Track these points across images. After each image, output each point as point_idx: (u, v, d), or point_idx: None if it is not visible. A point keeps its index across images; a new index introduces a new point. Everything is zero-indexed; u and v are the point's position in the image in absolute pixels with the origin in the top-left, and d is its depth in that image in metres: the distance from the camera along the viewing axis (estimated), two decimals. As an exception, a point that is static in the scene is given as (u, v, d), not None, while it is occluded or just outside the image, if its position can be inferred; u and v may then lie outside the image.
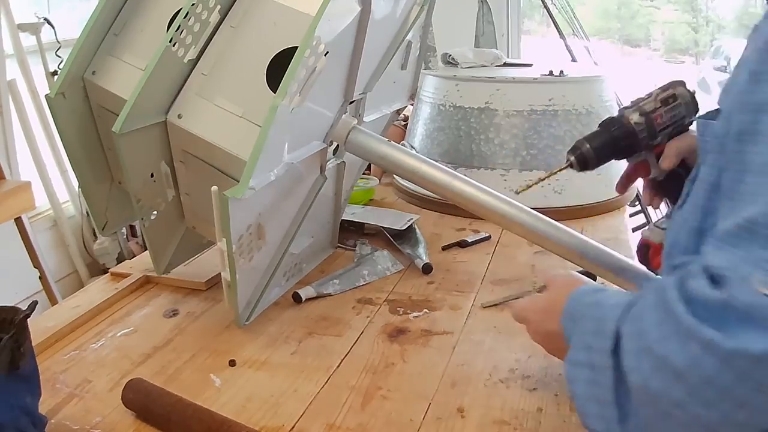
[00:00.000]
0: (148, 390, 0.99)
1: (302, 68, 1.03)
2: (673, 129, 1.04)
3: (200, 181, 1.18)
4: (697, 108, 1.04)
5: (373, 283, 1.39)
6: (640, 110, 1.02)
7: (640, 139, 1.03)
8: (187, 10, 1.09)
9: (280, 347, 1.16)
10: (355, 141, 1.29)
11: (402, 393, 1.03)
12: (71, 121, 1.22)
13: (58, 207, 3.17)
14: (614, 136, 1.04)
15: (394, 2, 1.29)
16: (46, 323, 1.22)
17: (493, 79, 1.76)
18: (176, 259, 1.35)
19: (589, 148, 1.05)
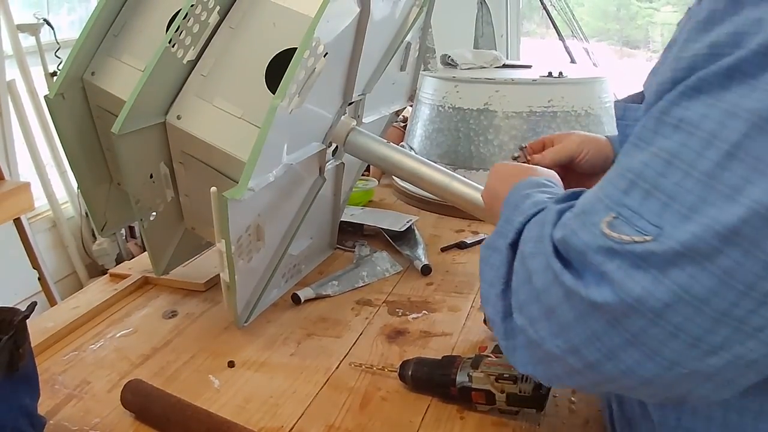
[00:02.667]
0: (147, 391, 0.99)
1: (301, 69, 1.03)
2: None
3: (199, 182, 1.18)
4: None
5: (372, 285, 1.39)
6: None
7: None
8: (186, 11, 1.09)
9: (279, 348, 1.16)
10: (354, 142, 1.29)
11: (401, 394, 1.03)
12: (70, 122, 1.22)
13: (57, 208, 3.17)
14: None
15: (393, 3, 1.29)
16: (45, 324, 1.22)
17: (493, 80, 1.76)
18: (175, 260, 1.35)
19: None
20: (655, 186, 0.55)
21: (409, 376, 1.03)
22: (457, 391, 0.98)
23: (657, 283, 0.53)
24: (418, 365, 1.03)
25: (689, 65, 0.56)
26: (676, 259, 0.53)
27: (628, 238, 0.55)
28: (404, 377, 1.04)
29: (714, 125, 0.53)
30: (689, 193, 0.53)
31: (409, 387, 1.04)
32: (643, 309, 0.54)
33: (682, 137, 0.54)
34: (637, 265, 0.55)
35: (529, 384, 0.93)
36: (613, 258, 0.56)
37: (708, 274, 0.52)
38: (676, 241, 0.53)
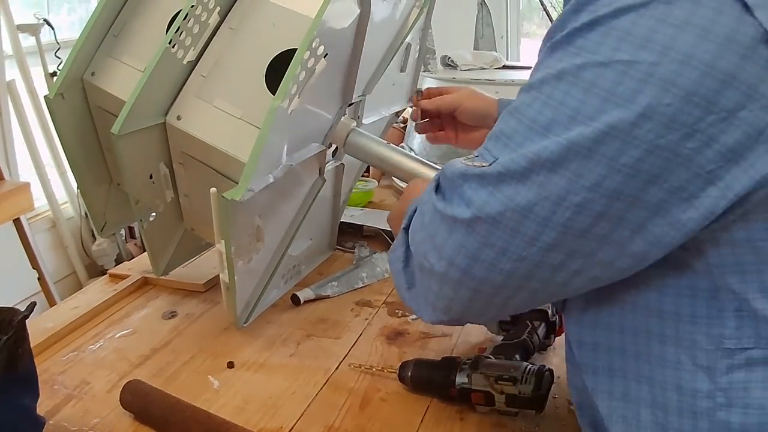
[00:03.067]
0: (146, 391, 0.99)
1: (301, 70, 1.03)
2: None
3: (199, 182, 1.18)
4: None
5: (372, 286, 1.39)
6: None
7: None
8: (186, 11, 1.09)
9: (279, 349, 1.16)
10: (354, 143, 1.29)
11: (400, 395, 1.03)
12: (70, 122, 1.22)
13: (56, 208, 3.17)
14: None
15: (393, 4, 1.29)
16: (45, 324, 1.22)
17: (493, 81, 1.77)
18: (175, 261, 1.35)
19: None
20: (501, 132, 0.70)
21: (409, 377, 1.03)
22: (457, 393, 0.98)
23: (491, 196, 0.68)
24: (417, 366, 1.03)
25: (542, 46, 0.70)
26: (503, 178, 0.67)
27: (476, 164, 0.70)
28: (404, 378, 1.04)
29: (538, 83, 0.67)
30: (518, 134, 0.67)
31: (409, 388, 1.04)
32: (485, 216, 0.68)
33: (523, 96, 0.69)
34: (480, 184, 0.69)
35: (529, 385, 0.93)
36: (465, 179, 0.70)
37: (526, 189, 0.66)
38: (501, 165, 0.67)
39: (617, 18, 0.62)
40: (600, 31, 0.63)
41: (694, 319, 0.69)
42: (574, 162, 0.63)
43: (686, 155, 0.61)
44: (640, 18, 0.61)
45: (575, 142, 0.63)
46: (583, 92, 0.63)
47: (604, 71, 0.62)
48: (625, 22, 0.62)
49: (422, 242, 0.78)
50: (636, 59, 0.61)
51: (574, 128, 0.63)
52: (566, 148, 0.63)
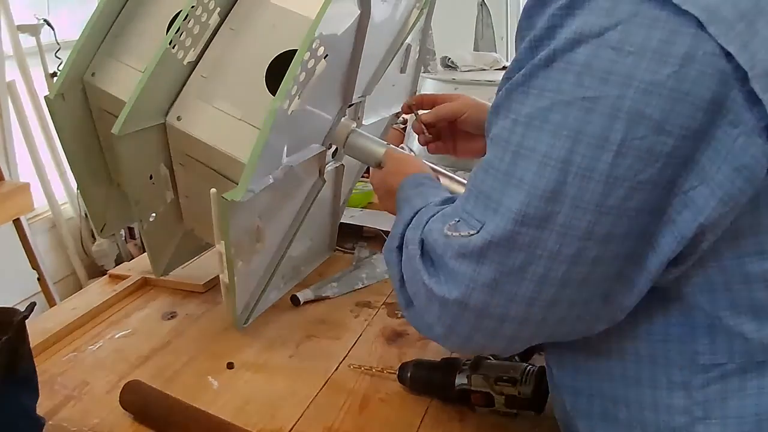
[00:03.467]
0: (146, 392, 0.99)
1: (301, 71, 1.03)
2: None
3: (199, 183, 1.18)
4: None
5: (372, 287, 1.39)
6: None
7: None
8: (186, 12, 1.09)
9: (278, 350, 1.16)
10: (354, 144, 1.28)
11: (400, 396, 1.03)
12: (70, 123, 1.22)
13: (56, 208, 3.17)
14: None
15: (393, 5, 1.29)
16: (44, 325, 1.22)
17: (493, 82, 1.77)
18: (174, 262, 1.35)
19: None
20: (480, 191, 0.68)
21: (408, 378, 1.03)
22: (456, 393, 0.98)
23: (481, 266, 0.66)
24: (417, 367, 1.03)
25: (498, 89, 0.70)
26: (491, 246, 0.65)
27: (457, 234, 0.68)
28: (403, 379, 1.04)
29: (506, 133, 0.65)
30: (495, 190, 0.65)
31: (408, 389, 1.04)
32: (480, 288, 0.66)
33: (493, 149, 0.67)
34: (466, 257, 0.67)
35: (528, 386, 0.93)
36: (450, 252, 0.68)
37: (517, 251, 0.64)
38: (487, 231, 0.65)
39: (573, 51, 0.61)
40: (559, 68, 0.62)
41: (667, 337, 0.69)
42: (560, 214, 0.62)
43: (667, 181, 0.61)
44: (597, 49, 0.60)
45: (556, 191, 0.61)
46: (552, 136, 0.62)
47: (570, 111, 0.61)
48: (582, 56, 0.60)
49: (416, 296, 0.77)
50: (600, 94, 0.60)
51: (551, 176, 0.62)
52: (548, 200, 0.62)
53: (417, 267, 0.75)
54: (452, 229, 0.69)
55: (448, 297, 0.69)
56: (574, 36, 0.61)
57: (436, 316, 0.72)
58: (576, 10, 0.61)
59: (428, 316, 0.74)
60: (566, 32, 0.61)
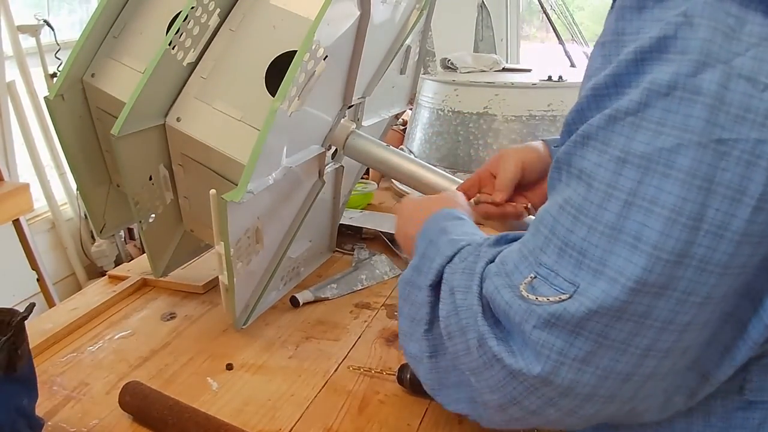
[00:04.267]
0: (145, 393, 0.99)
1: (301, 72, 1.03)
2: None
3: (198, 184, 1.18)
4: None
5: (371, 288, 1.39)
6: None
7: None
8: (186, 13, 1.09)
9: (278, 351, 1.16)
10: (354, 145, 1.29)
11: (399, 398, 1.03)
12: (70, 124, 1.22)
13: (56, 209, 3.17)
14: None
15: (393, 7, 1.30)
16: (44, 325, 1.22)
17: (492, 84, 1.77)
18: (174, 262, 1.35)
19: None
20: (566, 243, 0.56)
21: (408, 380, 1.03)
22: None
23: (575, 338, 0.55)
24: None
25: (577, 108, 0.59)
26: (594, 316, 0.54)
27: (544, 299, 0.57)
28: (402, 380, 1.04)
29: (608, 174, 0.54)
30: (596, 247, 0.54)
31: (408, 390, 1.04)
32: (569, 363, 0.56)
33: (584, 190, 0.56)
34: (556, 328, 0.56)
35: None
36: (531, 318, 0.58)
37: (623, 322, 0.54)
38: (590, 299, 0.54)
39: (698, 77, 0.51)
40: (683, 98, 0.52)
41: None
42: (684, 279, 0.52)
43: None
44: (728, 78, 0.51)
45: (683, 253, 0.52)
46: (682, 185, 0.51)
47: (704, 155, 0.51)
48: (710, 85, 0.51)
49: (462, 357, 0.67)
50: (737, 136, 0.51)
51: (681, 236, 0.52)
52: (674, 264, 0.52)
53: (477, 326, 0.64)
54: (530, 290, 0.58)
55: (526, 372, 0.59)
56: (698, 57, 0.51)
57: (497, 384, 0.62)
58: (695, 18, 0.52)
59: (480, 380, 0.65)
60: (686, 49, 0.52)
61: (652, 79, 0.52)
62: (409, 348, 0.75)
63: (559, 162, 0.60)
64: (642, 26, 0.55)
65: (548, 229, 0.58)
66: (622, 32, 0.56)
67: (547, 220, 0.59)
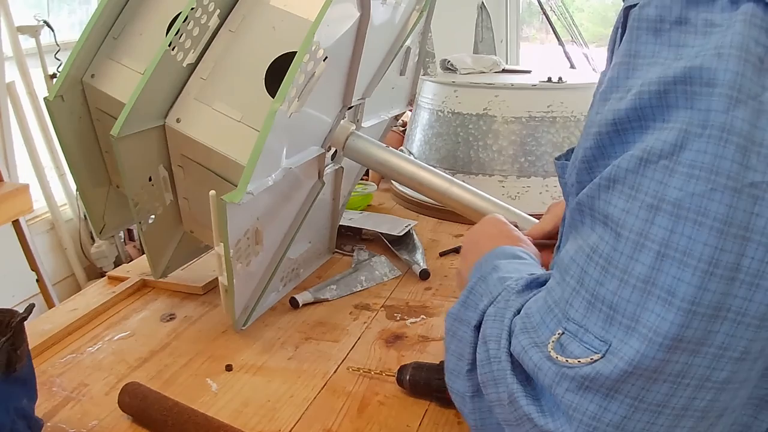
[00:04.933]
0: (144, 394, 0.99)
1: (301, 73, 1.03)
2: None
3: (198, 185, 1.18)
4: None
5: (371, 289, 1.39)
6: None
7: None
8: (186, 14, 1.09)
9: (277, 352, 1.16)
10: (354, 146, 1.29)
11: (399, 399, 1.03)
12: (70, 124, 1.22)
13: (55, 210, 3.17)
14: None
15: (393, 8, 1.30)
16: (43, 326, 1.22)
17: (492, 85, 1.76)
18: (173, 264, 1.35)
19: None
20: (595, 296, 0.53)
21: (407, 381, 1.03)
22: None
23: (610, 402, 0.52)
24: (415, 370, 1.03)
25: (597, 143, 0.55)
26: (629, 378, 0.51)
27: (575, 361, 0.54)
28: (402, 382, 1.04)
29: (639, 222, 0.51)
30: (628, 302, 0.51)
31: (407, 392, 1.04)
32: (602, 426, 0.53)
33: (612, 239, 0.53)
34: (589, 390, 0.53)
35: None
36: (560, 380, 0.55)
37: (659, 383, 0.51)
38: (623, 360, 0.51)
39: (729, 115, 0.48)
40: (714, 137, 0.49)
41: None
42: (720, 333, 0.50)
43: None
44: (757, 116, 0.49)
45: (719, 306, 0.49)
46: (718, 235, 0.48)
47: (738, 200, 0.48)
48: (741, 123, 0.48)
49: (500, 409, 0.63)
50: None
51: (718, 288, 0.49)
52: (711, 317, 0.49)
53: (507, 382, 0.61)
54: (559, 349, 0.55)
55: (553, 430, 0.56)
56: (729, 92, 0.48)
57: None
58: (724, 48, 0.49)
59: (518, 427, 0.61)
60: (715, 82, 0.49)
61: (685, 118, 0.50)
62: (454, 385, 0.72)
63: (581, 205, 0.56)
64: (659, 50, 0.52)
65: (575, 279, 0.55)
66: (635, 55, 0.54)
67: (574, 270, 0.56)
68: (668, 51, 0.52)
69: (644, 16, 0.53)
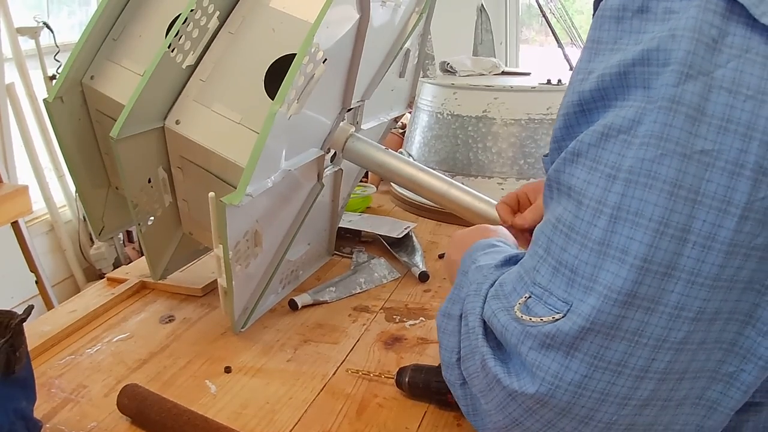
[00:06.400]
0: (143, 396, 0.99)
1: (300, 75, 1.03)
2: None
3: (197, 187, 1.18)
4: None
5: (370, 291, 1.39)
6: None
7: None
8: (185, 15, 1.10)
9: (276, 354, 1.16)
10: (353, 148, 1.29)
11: (398, 401, 1.03)
12: (69, 126, 1.22)
13: (55, 211, 3.17)
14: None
15: (392, 10, 1.30)
16: (42, 328, 1.21)
17: (491, 87, 1.77)
18: (173, 265, 1.35)
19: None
20: (560, 262, 0.57)
21: (406, 383, 1.03)
22: (454, 398, 0.98)
23: (570, 360, 0.55)
24: (415, 372, 1.03)
25: (565, 123, 0.58)
26: (587, 334, 0.54)
27: (538, 319, 0.57)
28: (401, 384, 1.04)
29: (597, 191, 0.54)
30: (587, 264, 0.55)
31: (406, 394, 1.04)
32: (564, 386, 0.56)
33: (574, 207, 0.56)
34: (551, 348, 0.56)
35: None
36: (527, 340, 0.58)
37: (617, 341, 0.54)
38: (581, 316, 0.54)
39: (681, 88, 0.51)
40: (665, 109, 0.52)
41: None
42: (674, 292, 0.52)
43: None
44: (709, 90, 0.51)
45: (671, 265, 0.52)
46: (668, 197, 0.52)
47: (688, 166, 0.51)
48: (693, 96, 0.51)
49: (473, 377, 0.68)
50: (720, 147, 0.51)
51: (669, 247, 0.52)
52: (663, 275, 0.52)
53: (479, 348, 0.65)
54: (525, 311, 0.59)
55: (522, 392, 0.59)
56: (680, 68, 0.51)
57: (499, 405, 0.62)
58: (678, 30, 0.52)
59: (486, 402, 0.65)
60: (668, 60, 0.52)
61: (643, 96, 0.53)
62: (448, 376, 0.75)
63: (550, 180, 0.60)
64: (620, 36, 0.56)
65: (543, 248, 0.59)
66: (598, 41, 0.57)
67: (542, 240, 0.59)
68: (629, 37, 0.55)
69: (609, 5, 0.57)
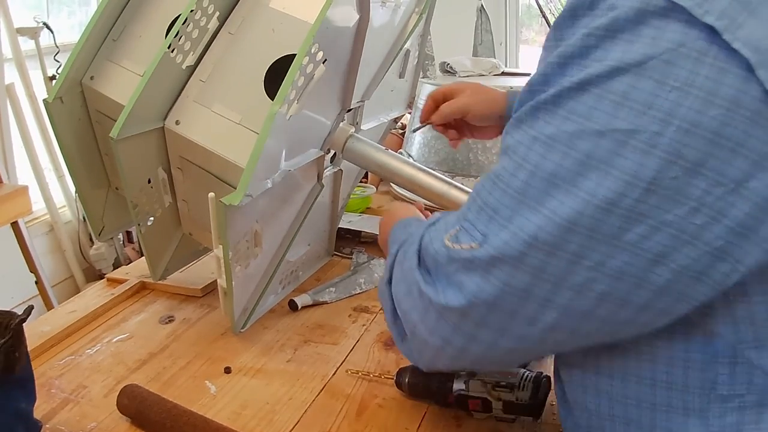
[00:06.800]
0: (143, 396, 0.99)
1: (300, 75, 1.03)
2: None
3: (197, 187, 1.18)
4: None
5: (370, 292, 1.39)
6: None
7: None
8: (185, 16, 1.10)
9: (276, 355, 1.16)
10: (353, 149, 1.29)
11: (397, 402, 1.03)
12: (69, 126, 1.22)
13: (54, 212, 3.17)
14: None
15: (392, 11, 1.30)
16: (42, 328, 1.21)
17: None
18: (172, 266, 1.35)
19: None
20: (485, 202, 0.66)
21: (406, 384, 1.03)
22: (454, 399, 0.98)
23: (485, 281, 0.65)
24: (414, 372, 1.03)
25: (519, 99, 0.67)
26: (496, 262, 0.63)
27: (459, 246, 0.67)
28: (401, 384, 1.04)
29: (523, 149, 0.63)
30: (506, 207, 0.63)
31: (406, 394, 1.04)
32: (481, 302, 0.65)
33: (506, 162, 0.65)
34: (470, 269, 0.66)
35: (526, 392, 0.93)
36: (453, 263, 0.68)
37: (523, 272, 0.62)
38: (493, 247, 0.63)
39: (612, 79, 0.57)
40: (594, 94, 0.58)
41: (687, 363, 0.66)
42: (573, 243, 0.60)
43: (693, 232, 0.57)
44: (638, 80, 0.56)
45: (573, 221, 0.59)
46: (579, 164, 0.59)
47: (601, 141, 0.58)
48: (621, 85, 0.57)
49: (410, 312, 0.76)
50: (636, 128, 0.56)
51: (571, 205, 0.59)
52: (565, 228, 0.59)
53: (414, 278, 0.74)
54: (453, 240, 0.68)
55: (448, 304, 0.68)
56: (615, 63, 0.57)
57: (432, 327, 0.72)
58: (618, 33, 0.58)
59: (423, 329, 0.73)
60: (606, 57, 0.58)
61: (569, 77, 0.60)
62: (393, 335, 0.86)
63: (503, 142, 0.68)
64: (575, 32, 0.61)
65: (477, 192, 0.68)
66: (560, 39, 0.63)
67: (478, 188, 0.68)
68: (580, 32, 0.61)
69: (565, 7, 0.64)
